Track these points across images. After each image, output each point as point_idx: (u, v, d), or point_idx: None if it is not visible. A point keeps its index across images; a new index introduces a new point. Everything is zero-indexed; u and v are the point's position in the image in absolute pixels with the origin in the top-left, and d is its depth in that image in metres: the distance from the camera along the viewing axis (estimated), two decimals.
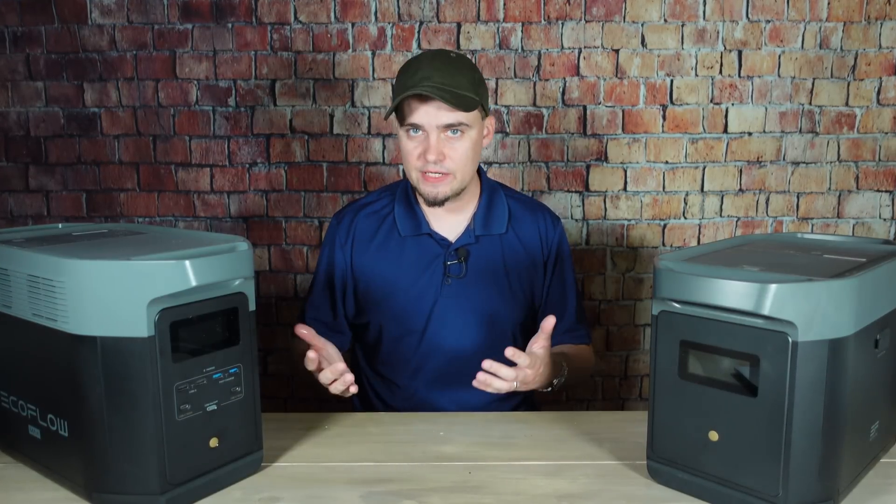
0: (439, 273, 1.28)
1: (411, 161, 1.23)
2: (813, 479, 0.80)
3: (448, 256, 1.29)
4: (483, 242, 1.30)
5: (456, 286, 1.28)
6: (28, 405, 0.91)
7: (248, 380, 0.91)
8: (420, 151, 1.21)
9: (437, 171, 1.20)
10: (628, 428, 1.08)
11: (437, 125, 1.18)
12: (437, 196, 1.23)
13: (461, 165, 1.21)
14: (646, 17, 1.91)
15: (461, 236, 1.30)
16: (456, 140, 1.20)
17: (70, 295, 0.80)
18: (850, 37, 1.92)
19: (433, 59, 1.20)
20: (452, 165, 1.21)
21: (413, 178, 1.25)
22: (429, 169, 1.20)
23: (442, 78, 1.17)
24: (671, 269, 0.85)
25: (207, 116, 1.95)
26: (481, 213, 1.31)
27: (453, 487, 0.91)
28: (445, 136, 1.20)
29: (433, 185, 1.22)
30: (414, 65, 1.21)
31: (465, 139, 1.21)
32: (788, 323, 0.76)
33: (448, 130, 1.19)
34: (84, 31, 1.91)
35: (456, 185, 1.23)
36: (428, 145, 1.19)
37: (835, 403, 0.79)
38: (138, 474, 0.83)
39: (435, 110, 1.17)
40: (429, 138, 1.19)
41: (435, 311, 1.29)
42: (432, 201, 1.24)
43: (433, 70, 1.17)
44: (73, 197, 1.99)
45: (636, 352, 2.06)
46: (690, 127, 1.96)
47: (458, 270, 1.28)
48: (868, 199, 2.01)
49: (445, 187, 1.22)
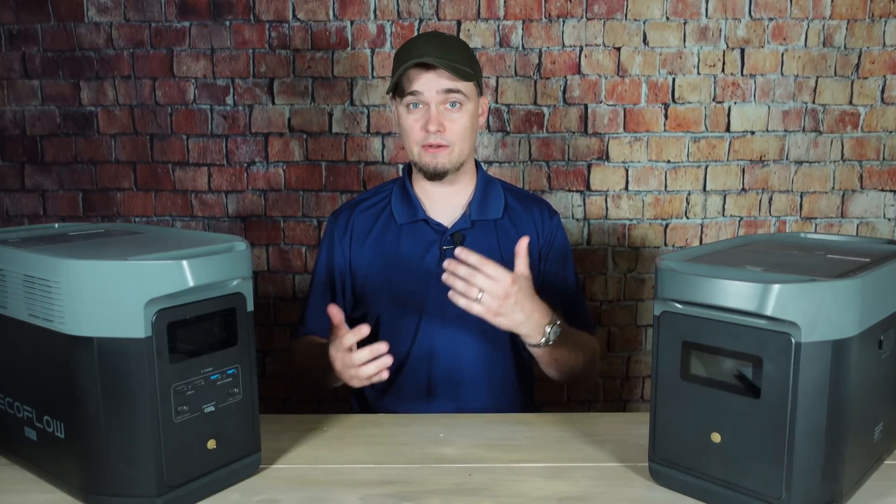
0: (436, 258, 1.29)
1: (413, 135, 1.27)
2: (816, 482, 0.79)
3: (444, 241, 1.29)
4: (479, 227, 1.32)
5: None
6: (24, 406, 0.90)
7: (247, 381, 0.91)
8: (422, 123, 1.25)
9: (437, 143, 1.25)
10: (630, 429, 1.07)
11: (437, 90, 1.23)
12: (436, 167, 1.26)
13: (460, 137, 1.26)
14: (648, 15, 1.90)
15: (457, 221, 1.32)
16: (455, 112, 1.25)
17: (66, 295, 0.80)
18: (853, 34, 1.91)
19: (430, 37, 1.27)
20: (452, 137, 1.25)
21: (414, 152, 1.28)
22: (430, 141, 1.25)
23: (439, 52, 1.22)
24: (673, 270, 0.84)
25: (205, 115, 1.94)
26: (477, 198, 1.33)
27: (453, 489, 0.91)
28: (445, 109, 1.25)
29: (433, 156, 1.26)
30: (410, 43, 1.27)
31: (464, 112, 1.26)
32: (791, 324, 0.76)
33: (447, 103, 1.24)
34: (80, 28, 1.91)
35: (454, 157, 1.27)
36: (429, 116, 1.24)
37: (838, 405, 0.78)
38: (135, 476, 0.82)
39: (435, 77, 1.22)
40: (429, 110, 1.24)
41: (430, 296, 1.29)
42: (433, 173, 1.27)
43: (430, 46, 1.23)
44: (69, 196, 1.98)
45: (638, 353, 2.05)
46: (692, 126, 1.95)
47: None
48: (872, 198, 2.00)
49: (444, 158, 1.26)
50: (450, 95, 1.23)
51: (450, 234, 1.31)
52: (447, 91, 1.23)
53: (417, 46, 1.24)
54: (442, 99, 1.24)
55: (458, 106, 1.25)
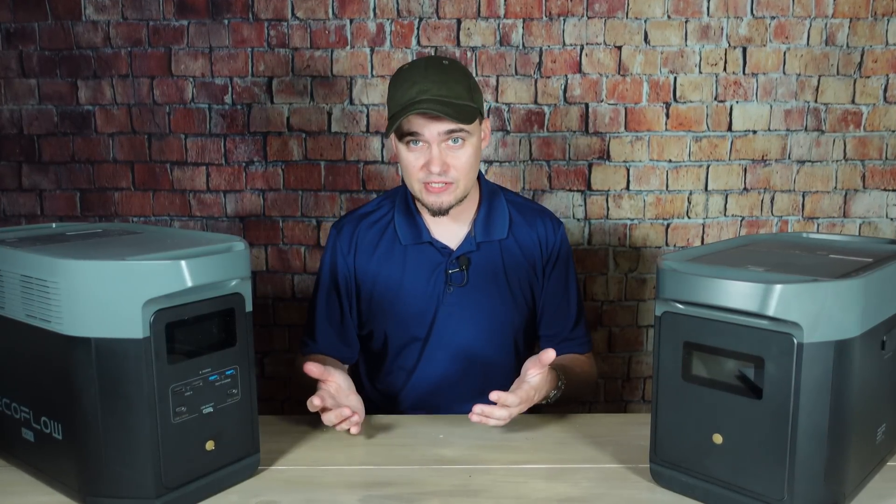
0: (441, 281, 1.28)
1: (413, 173, 1.22)
2: (819, 483, 0.79)
3: (449, 265, 1.28)
4: (484, 249, 1.30)
5: (458, 294, 1.28)
6: (21, 407, 0.90)
7: (245, 382, 0.91)
8: (422, 163, 1.20)
9: (440, 182, 1.20)
10: (631, 431, 1.07)
11: (438, 133, 1.18)
12: (441, 206, 1.22)
13: (464, 174, 1.21)
14: (649, 14, 1.89)
15: (462, 244, 1.29)
16: (458, 149, 1.20)
17: (64, 295, 0.80)
18: (856, 33, 1.90)
19: (427, 70, 1.19)
20: (456, 174, 1.21)
21: (415, 189, 1.24)
22: (432, 180, 1.20)
23: (439, 90, 1.16)
24: (674, 270, 0.84)
25: (203, 114, 1.94)
26: (482, 219, 1.31)
27: (453, 491, 0.91)
28: (447, 146, 1.19)
29: (437, 196, 1.22)
30: (408, 77, 1.19)
31: (467, 147, 1.20)
32: (793, 324, 0.75)
33: (449, 140, 1.19)
34: (78, 27, 1.90)
35: (459, 193, 1.23)
36: (430, 157, 1.18)
37: (841, 406, 0.78)
38: (133, 478, 0.82)
39: (436, 121, 1.17)
40: (430, 149, 1.19)
41: (437, 319, 1.29)
42: (437, 211, 1.24)
43: (429, 82, 1.17)
44: (66, 196, 1.98)
45: (639, 353, 2.04)
46: (694, 125, 1.95)
47: (460, 279, 1.28)
48: (875, 198, 1.99)
49: (449, 196, 1.22)
50: (451, 135, 1.18)
51: (455, 257, 1.29)
52: (448, 132, 1.18)
53: (416, 83, 1.17)
54: (444, 138, 1.18)
55: (461, 142, 1.19)
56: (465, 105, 1.17)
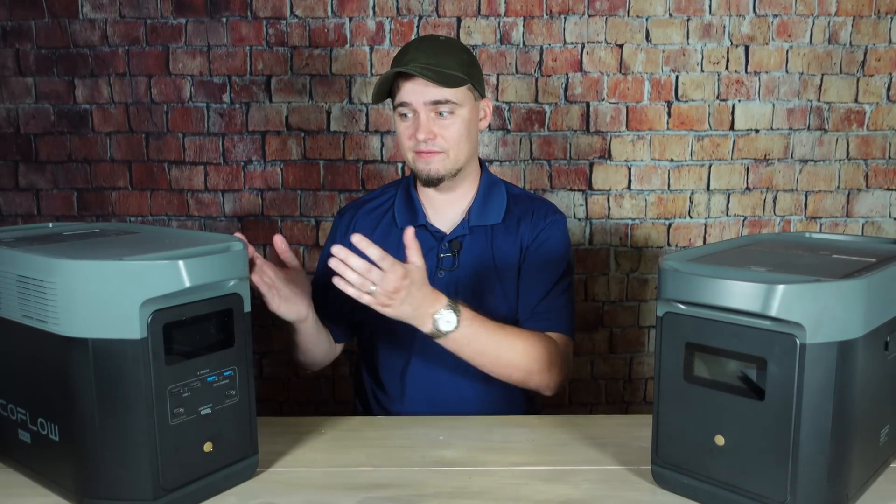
0: (433, 266, 1.28)
1: (404, 142, 1.26)
2: (821, 485, 0.78)
3: (441, 249, 1.28)
4: (477, 233, 1.30)
5: (448, 279, 1.28)
6: (18, 409, 0.89)
7: (244, 383, 0.90)
8: (412, 132, 1.24)
9: (428, 150, 1.23)
10: (632, 432, 1.07)
11: (423, 102, 1.21)
12: (430, 172, 1.24)
13: (453, 144, 1.24)
14: (650, 12, 1.88)
15: (456, 228, 1.30)
16: (445, 120, 1.23)
17: (61, 296, 0.79)
18: (859, 31, 1.89)
19: (421, 42, 1.26)
20: (444, 143, 1.23)
21: (409, 158, 1.28)
22: (420, 148, 1.23)
23: (427, 58, 1.20)
24: (676, 270, 0.84)
25: (201, 113, 1.93)
26: (478, 204, 1.31)
27: (453, 493, 0.90)
28: (435, 116, 1.23)
29: (426, 162, 1.24)
30: (403, 49, 1.26)
31: (456, 119, 1.23)
32: (796, 325, 0.75)
33: (436, 111, 1.22)
34: (75, 25, 1.90)
35: (450, 164, 1.25)
36: (418, 124, 1.23)
37: (844, 407, 0.78)
38: (130, 479, 0.81)
39: (421, 87, 1.20)
40: (418, 118, 1.23)
41: None
42: (427, 179, 1.26)
43: (419, 52, 1.22)
44: (63, 196, 1.97)
45: (640, 354, 2.04)
46: (696, 124, 1.94)
47: (451, 263, 1.28)
48: (878, 197, 1.98)
49: (438, 165, 1.24)
50: (438, 106, 1.22)
51: (447, 240, 1.29)
52: (434, 102, 1.21)
53: (408, 52, 1.22)
54: (430, 109, 1.22)
55: (450, 113, 1.23)
56: (451, 74, 1.20)
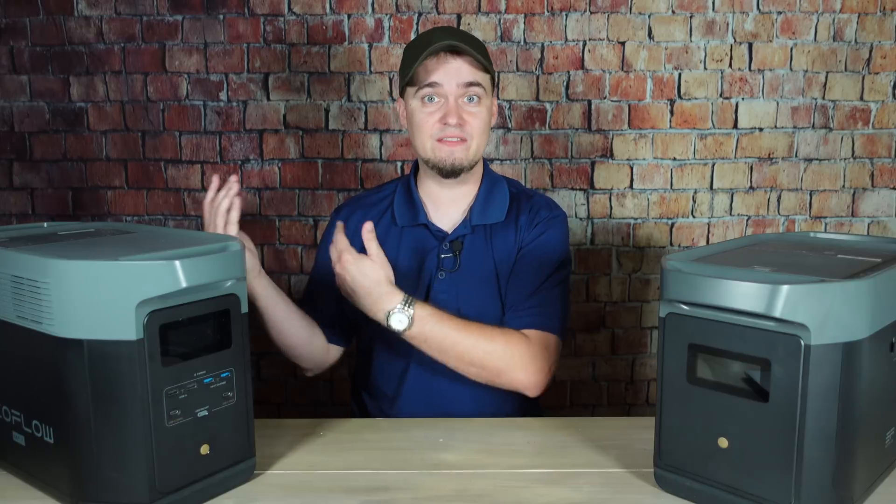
0: (433, 266, 1.27)
1: (426, 129, 1.22)
2: (826, 488, 0.78)
3: (442, 249, 1.27)
4: (479, 233, 1.29)
5: (448, 280, 1.26)
6: (12, 411, 0.89)
7: (241, 384, 0.90)
8: (439, 116, 1.21)
9: (455, 136, 1.21)
10: (635, 434, 1.06)
11: (458, 83, 1.19)
12: (454, 162, 1.22)
13: (478, 133, 1.23)
14: (653, 9, 1.87)
15: (457, 227, 1.28)
16: (473, 106, 1.22)
17: (56, 296, 0.79)
18: (864, 29, 1.88)
19: (447, 28, 1.28)
20: (471, 130, 1.21)
21: (427, 147, 1.23)
22: (447, 134, 1.21)
23: (459, 38, 1.19)
24: (679, 270, 0.83)
25: (198, 111, 1.93)
26: (480, 202, 1.30)
27: (453, 496, 0.90)
28: (463, 103, 1.21)
29: (450, 151, 1.21)
30: (428, 34, 1.24)
31: (482, 107, 1.23)
32: (801, 325, 0.74)
33: (465, 97, 1.21)
34: (70, 22, 1.89)
35: (472, 153, 1.23)
36: (448, 109, 1.20)
37: (849, 409, 0.77)
38: (126, 482, 0.81)
39: (458, 66, 1.19)
40: (447, 103, 1.20)
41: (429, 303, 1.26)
42: (449, 169, 1.23)
43: (448, 35, 1.20)
44: (58, 195, 1.97)
45: (643, 355, 2.03)
46: (699, 122, 1.93)
47: (451, 264, 1.26)
48: (883, 196, 1.97)
49: (462, 153, 1.22)
50: (470, 89, 1.20)
51: (449, 240, 1.27)
52: (468, 84, 1.19)
53: (437, 35, 1.20)
54: (462, 92, 1.20)
55: (477, 100, 1.21)
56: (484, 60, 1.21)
